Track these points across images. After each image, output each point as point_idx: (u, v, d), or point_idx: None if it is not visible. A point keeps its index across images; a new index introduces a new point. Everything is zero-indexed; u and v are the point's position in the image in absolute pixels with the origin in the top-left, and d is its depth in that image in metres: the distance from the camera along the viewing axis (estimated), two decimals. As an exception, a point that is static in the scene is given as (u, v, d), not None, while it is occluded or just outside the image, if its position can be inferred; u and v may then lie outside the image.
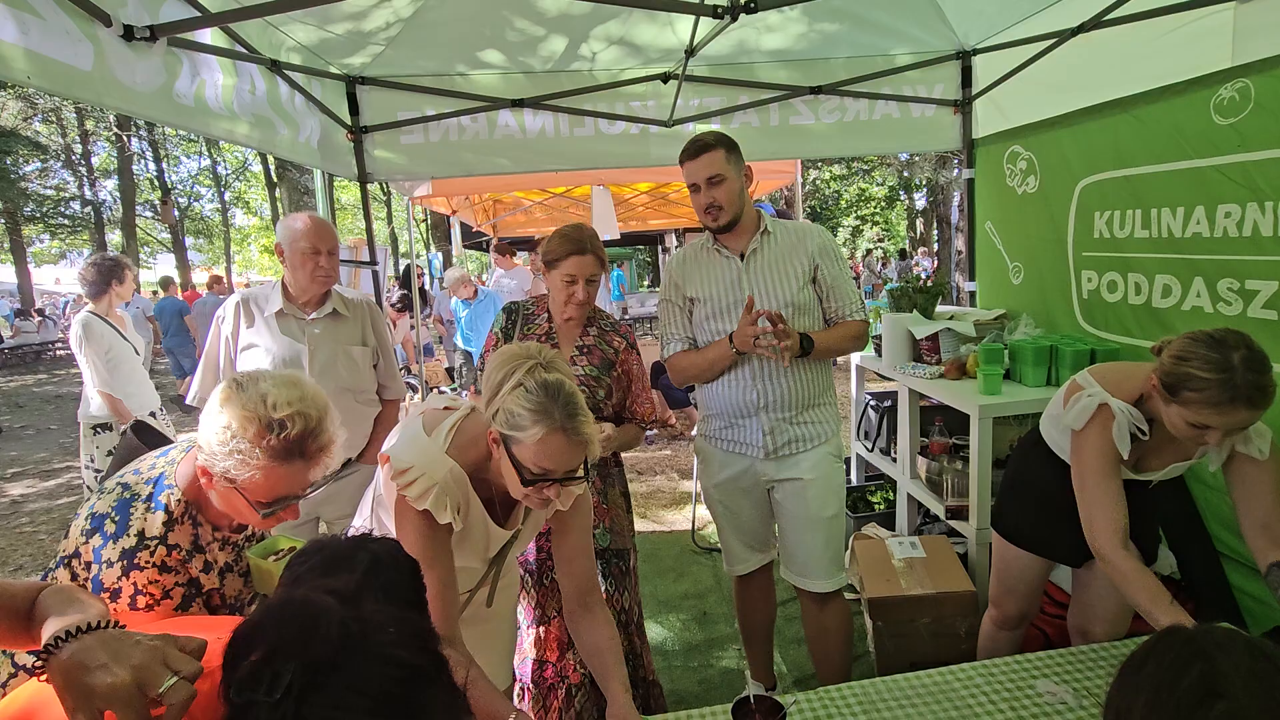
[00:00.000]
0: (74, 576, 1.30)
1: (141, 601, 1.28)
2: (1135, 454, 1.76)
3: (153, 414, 3.99)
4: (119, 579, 1.27)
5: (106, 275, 3.87)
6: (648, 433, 2.36)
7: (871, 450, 3.72)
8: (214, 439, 1.21)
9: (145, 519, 1.30)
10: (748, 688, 1.50)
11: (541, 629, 2.17)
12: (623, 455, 2.40)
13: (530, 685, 2.16)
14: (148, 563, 1.28)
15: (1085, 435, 1.73)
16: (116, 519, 1.29)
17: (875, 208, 24.48)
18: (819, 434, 2.26)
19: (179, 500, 1.33)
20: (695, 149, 2.16)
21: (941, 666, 1.69)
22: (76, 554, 1.29)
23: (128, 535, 1.28)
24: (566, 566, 1.68)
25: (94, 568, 1.28)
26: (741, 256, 2.22)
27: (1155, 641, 0.81)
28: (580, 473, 1.45)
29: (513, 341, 2.08)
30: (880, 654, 2.59)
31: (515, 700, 2.16)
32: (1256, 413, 1.48)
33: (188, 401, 2.48)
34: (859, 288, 2.24)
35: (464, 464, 1.50)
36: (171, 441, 1.51)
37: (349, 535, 1.09)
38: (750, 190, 2.23)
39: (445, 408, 1.60)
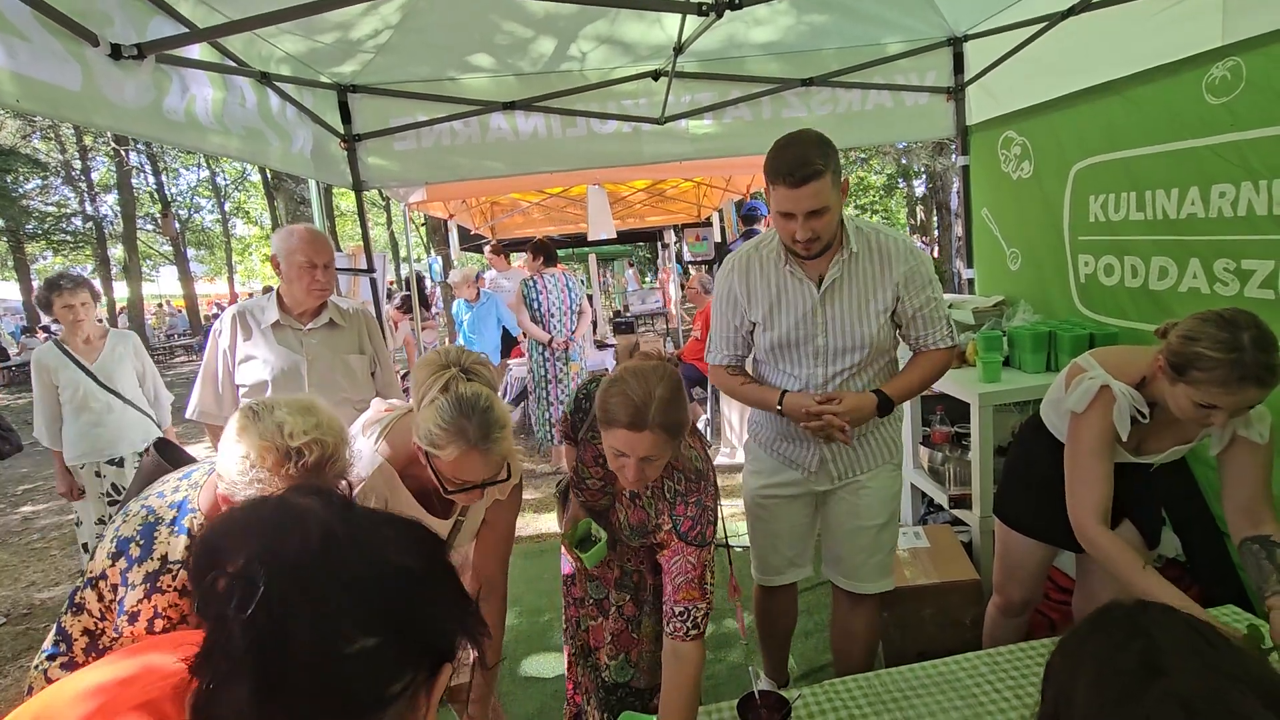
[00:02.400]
0: (101, 598, 1.31)
1: (159, 625, 1.28)
2: (1136, 437, 1.77)
3: (117, 461, 3.44)
4: (140, 601, 1.28)
5: (46, 293, 3.36)
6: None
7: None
8: (234, 469, 1.22)
9: (169, 542, 1.31)
10: (755, 684, 1.51)
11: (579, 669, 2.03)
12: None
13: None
14: (169, 586, 1.29)
15: (1085, 417, 1.74)
16: (141, 543, 1.30)
17: (874, 196, 24.39)
18: (881, 455, 2.06)
19: (201, 524, 1.34)
20: (800, 176, 1.69)
21: (947, 656, 1.69)
22: (103, 576, 1.31)
23: (151, 559, 1.29)
24: (480, 558, 1.76)
25: (120, 590, 1.29)
26: (819, 282, 1.90)
27: (1096, 617, 0.81)
28: (503, 477, 1.49)
29: (578, 436, 1.80)
30: (886, 645, 2.60)
31: None
32: (1265, 392, 1.47)
33: (187, 416, 2.49)
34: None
35: (395, 461, 1.54)
36: (195, 459, 1.54)
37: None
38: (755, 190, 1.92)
39: (387, 409, 1.65)
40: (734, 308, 2.00)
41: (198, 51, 2.29)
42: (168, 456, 1.73)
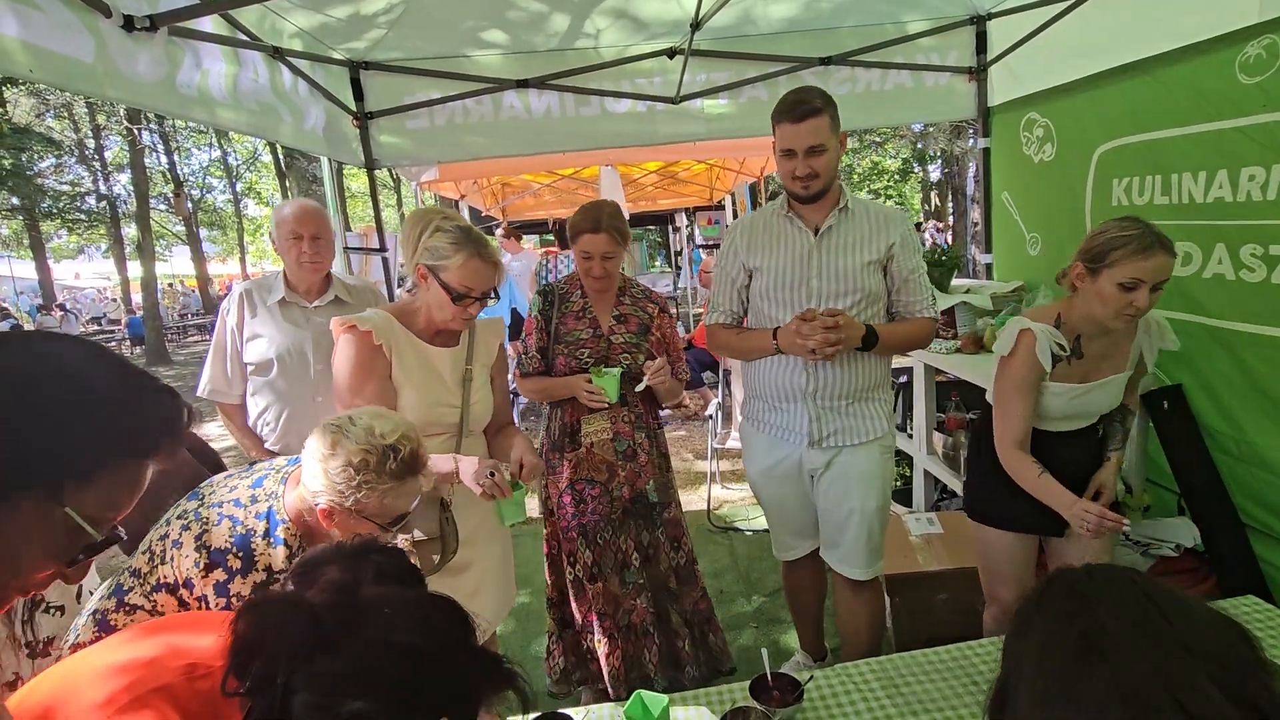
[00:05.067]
0: (183, 605, 1.35)
1: None
2: (1080, 370, 1.85)
3: None
4: None
5: None
6: (662, 412, 2.41)
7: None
8: (338, 480, 1.30)
9: (269, 554, 1.38)
10: (765, 665, 1.51)
11: (600, 584, 2.26)
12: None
13: (594, 632, 2.29)
14: None
15: (1009, 360, 1.86)
16: (240, 555, 1.36)
17: (889, 181, 24.13)
18: (868, 429, 2.09)
19: (293, 534, 1.40)
20: (800, 112, 1.89)
21: (959, 642, 1.68)
22: (188, 584, 1.34)
23: (256, 570, 1.36)
24: (498, 412, 2.06)
25: (217, 600, 1.34)
26: (816, 231, 2.04)
27: (1045, 586, 0.78)
28: (494, 299, 1.85)
29: (552, 323, 2.25)
30: (898, 630, 2.59)
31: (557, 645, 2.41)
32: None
33: (198, 394, 2.48)
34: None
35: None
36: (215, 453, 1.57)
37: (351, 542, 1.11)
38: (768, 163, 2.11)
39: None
40: (734, 259, 2.16)
41: (210, 25, 2.28)
42: (202, 459, 1.76)
